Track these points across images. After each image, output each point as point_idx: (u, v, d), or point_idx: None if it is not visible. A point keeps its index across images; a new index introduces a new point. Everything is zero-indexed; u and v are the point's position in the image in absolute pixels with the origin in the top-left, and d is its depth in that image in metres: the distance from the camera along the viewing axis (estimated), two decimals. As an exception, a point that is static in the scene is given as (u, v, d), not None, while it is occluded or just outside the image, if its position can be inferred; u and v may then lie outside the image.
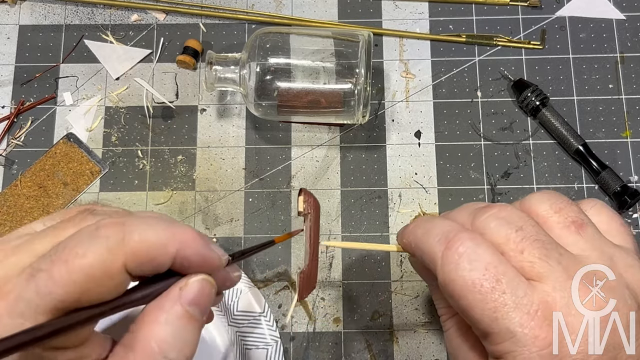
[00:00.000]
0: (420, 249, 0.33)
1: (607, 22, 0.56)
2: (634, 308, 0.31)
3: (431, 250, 0.32)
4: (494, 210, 0.32)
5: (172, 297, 0.27)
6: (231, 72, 0.50)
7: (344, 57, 0.49)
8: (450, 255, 0.30)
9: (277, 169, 0.53)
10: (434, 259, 0.31)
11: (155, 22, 0.57)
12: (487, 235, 0.31)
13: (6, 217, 0.52)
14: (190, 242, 0.27)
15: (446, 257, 0.30)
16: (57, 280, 0.24)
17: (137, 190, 0.53)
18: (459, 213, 0.34)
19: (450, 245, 0.30)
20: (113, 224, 0.26)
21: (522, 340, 0.29)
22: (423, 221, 0.34)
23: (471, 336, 0.34)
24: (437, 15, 0.57)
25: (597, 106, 0.54)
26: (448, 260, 0.30)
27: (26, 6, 0.58)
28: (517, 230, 0.31)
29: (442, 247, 0.31)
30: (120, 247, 0.26)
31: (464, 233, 0.31)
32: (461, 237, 0.30)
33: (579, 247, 0.31)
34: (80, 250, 0.25)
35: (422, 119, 0.54)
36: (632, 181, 0.52)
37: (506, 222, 0.31)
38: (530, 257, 0.30)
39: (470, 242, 0.30)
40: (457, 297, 0.30)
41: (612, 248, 0.32)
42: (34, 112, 0.55)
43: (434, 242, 0.32)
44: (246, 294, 0.47)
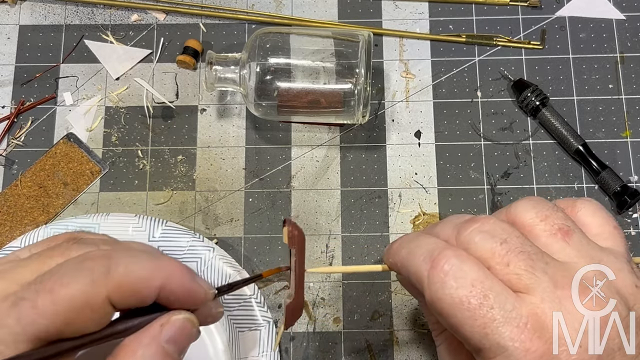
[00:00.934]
0: (406, 269, 0.33)
1: (607, 22, 0.56)
2: (623, 313, 0.30)
3: (417, 270, 0.31)
4: (477, 224, 0.32)
5: (151, 333, 0.27)
6: (231, 72, 0.50)
7: (344, 57, 0.49)
8: (436, 274, 0.30)
9: (277, 169, 0.53)
10: (420, 278, 0.31)
11: (155, 22, 0.57)
12: (472, 250, 0.31)
13: (6, 217, 0.52)
14: (176, 275, 0.27)
15: (432, 277, 0.30)
16: (40, 310, 0.24)
17: (137, 190, 0.53)
18: (443, 228, 0.34)
19: (435, 264, 0.30)
20: (99, 256, 0.26)
21: (514, 354, 0.28)
22: (407, 240, 0.34)
23: (463, 351, 0.34)
24: (437, 15, 0.57)
25: (597, 106, 0.54)
26: (434, 279, 0.30)
27: (26, 6, 0.58)
28: (502, 243, 0.30)
29: (427, 266, 0.31)
30: (104, 279, 0.26)
31: (448, 250, 0.30)
32: (446, 255, 0.30)
33: (566, 254, 0.31)
34: (65, 281, 0.25)
35: (422, 119, 0.54)
36: (632, 181, 0.52)
37: (490, 235, 0.31)
38: (516, 270, 0.30)
39: (455, 260, 0.30)
40: (445, 315, 0.30)
41: (600, 252, 0.32)
42: (34, 112, 0.55)
43: (419, 261, 0.31)
44: (235, 278, 0.47)
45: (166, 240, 0.47)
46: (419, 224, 0.51)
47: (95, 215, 0.48)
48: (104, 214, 0.48)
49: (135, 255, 0.27)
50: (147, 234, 0.47)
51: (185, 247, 0.47)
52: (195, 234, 0.48)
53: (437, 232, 0.34)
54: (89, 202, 0.52)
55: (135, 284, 0.26)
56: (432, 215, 0.52)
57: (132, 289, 0.26)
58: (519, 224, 0.32)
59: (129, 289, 0.26)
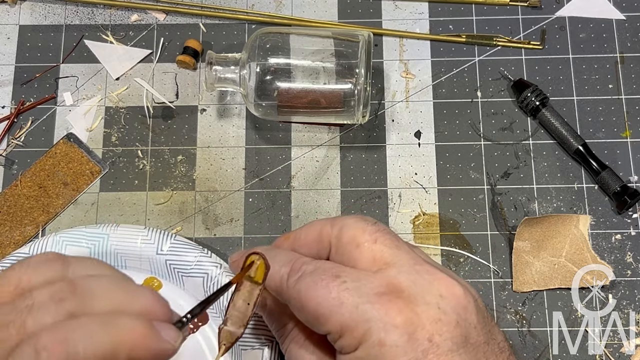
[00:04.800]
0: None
1: (607, 22, 0.56)
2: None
3: (276, 275, 0.35)
4: (350, 215, 0.38)
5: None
6: (231, 72, 0.50)
7: (344, 57, 0.49)
8: (294, 272, 0.34)
9: (277, 169, 0.53)
10: (279, 280, 0.34)
11: (155, 22, 0.57)
12: (345, 230, 0.34)
13: (6, 217, 0.52)
14: (139, 344, 0.26)
15: (291, 275, 0.34)
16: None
17: (137, 190, 0.53)
18: (311, 226, 0.37)
19: (292, 270, 0.34)
20: (53, 345, 0.25)
21: (374, 317, 0.30)
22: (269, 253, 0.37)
23: (311, 343, 0.36)
24: (437, 15, 0.57)
25: (597, 106, 0.54)
26: (293, 277, 0.34)
27: (26, 6, 0.58)
28: (373, 224, 0.34)
29: (287, 269, 0.34)
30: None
31: (304, 258, 0.35)
32: (303, 261, 0.34)
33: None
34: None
35: (422, 119, 0.54)
36: (632, 181, 0.52)
37: (362, 219, 0.35)
38: (381, 247, 0.33)
39: (310, 264, 0.34)
40: (304, 303, 0.33)
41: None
42: (34, 112, 0.55)
43: (278, 268, 0.35)
44: None
45: (174, 254, 0.47)
46: (419, 224, 0.51)
47: (105, 226, 0.48)
48: (114, 225, 0.48)
49: (93, 330, 0.26)
50: (156, 247, 0.47)
51: (192, 262, 0.46)
52: (203, 250, 0.47)
53: (307, 232, 0.37)
54: (89, 202, 0.52)
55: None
56: (432, 215, 0.52)
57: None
58: None
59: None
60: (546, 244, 0.50)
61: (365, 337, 0.30)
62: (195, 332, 0.47)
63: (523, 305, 0.49)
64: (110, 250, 0.47)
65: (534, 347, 0.48)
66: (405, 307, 0.30)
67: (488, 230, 0.51)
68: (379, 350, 0.30)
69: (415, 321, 0.30)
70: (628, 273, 0.50)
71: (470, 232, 0.51)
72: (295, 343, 0.36)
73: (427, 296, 0.31)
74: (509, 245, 0.50)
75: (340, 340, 0.32)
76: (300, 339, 0.36)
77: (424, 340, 0.30)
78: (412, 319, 0.30)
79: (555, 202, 0.52)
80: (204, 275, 0.46)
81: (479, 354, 0.31)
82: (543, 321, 0.49)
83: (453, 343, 0.30)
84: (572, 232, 0.49)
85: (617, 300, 0.49)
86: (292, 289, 0.33)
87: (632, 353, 0.48)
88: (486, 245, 0.51)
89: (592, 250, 0.49)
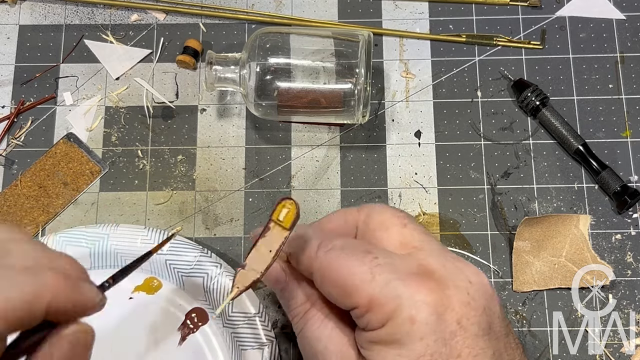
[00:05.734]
0: (295, 249, 0.35)
1: (607, 22, 0.56)
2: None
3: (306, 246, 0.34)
4: (377, 204, 0.38)
5: (43, 356, 0.27)
6: (231, 72, 0.50)
7: (344, 57, 0.49)
8: (327, 243, 0.34)
9: (277, 169, 0.53)
10: (309, 251, 0.34)
11: (155, 22, 0.57)
12: (374, 215, 0.35)
13: (6, 217, 0.52)
14: (60, 293, 0.27)
15: (323, 246, 0.33)
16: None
17: (137, 190, 0.53)
18: (339, 213, 0.38)
19: (324, 242, 0.34)
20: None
21: (405, 294, 0.30)
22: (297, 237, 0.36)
23: (330, 321, 0.35)
24: (437, 15, 0.57)
25: (597, 106, 0.54)
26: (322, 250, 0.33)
27: (26, 6, 0.58)
28: (402, 211, 0.36)
29: (317, 242, 0.34)
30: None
31: (334, 235, 0.35)
32: (334, 236, 0.35)
33: None
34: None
35: (422, 119, 0.54)
36: (632, 181, 0.52)
37: (391, 207, 0.36)
38: (411, 231, 0.34)
39: (342, 239, 0.34)
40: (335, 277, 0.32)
41: None
42: (34, 112, 0.55)
43: (309, 240, 0.35)
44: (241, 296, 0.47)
45: (174, 254, 0.47)
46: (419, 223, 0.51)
47: (105, 226, 0.48)
48: (114, 225, 0.48)
49: (14, 278, 0.26)
50: None
51: (192, 262, 0.47)
52: (203, 250, 0.47)
53: (337, 217, 0.38)
54: (89, 202, 0.52)
55: (18, 312, 0.26)
56: (432, 215, 0.52)
57: (16, 317, 0.26)
58: None
59: (13, 318, 0.26)
60: (546, 244, 0.50)
61: (396, 313, 0.30)
62: (195, 332, 0.47)
63: (523, 305, 0.49)
64: (110, 250, 0.47)
65: (534, 347, 0.48)
66: (437, 287, 0.31)
67: (488, 230, 0.51)
68: (410, 327, 0.30)
69: (446, 302, 0.30)
70: (628, 273, 0.50)
71: (470, 232, 0.51)
72: (312, 323, 0.36)
73: (457, 280, 0.31)
74: (509, 245, 0.50)
75: (368, 315, 0.31)
76: (318, 319, 0.35)
77: (453, 322, 0.30)
78: (442, 300, 0.30)
79: (555, 202, 0.52)
80: (204, 275, 0.46)
81: (500, 343, 0.32)
82: (543, 321, 0.49)
83: (480, 328, 0.31)
84: (572, 232, 0.49)
85: (617, 300, 0.49)
86: (322, 258, 0.33)
87: (632, 353, 0.48)
88: (486, 245, 0.51)
89: (592, 250, 0.49)
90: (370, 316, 0.31)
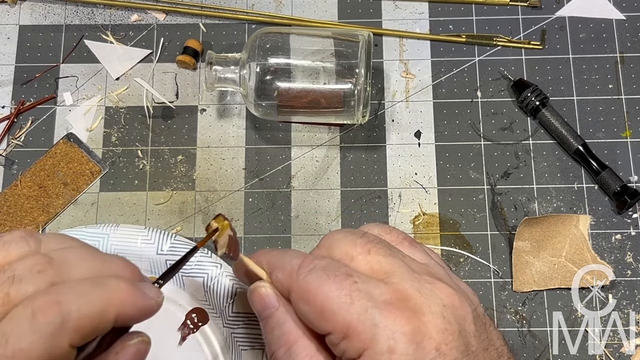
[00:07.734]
0: (274, 267, 0.35)
1: (607, 22, 0.56)
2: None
3: (286, 266, 0.34)
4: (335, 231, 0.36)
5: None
6: (231, 72, 0.50)
7: (344, 57, 0.49)
8: (306, 265, 0.33)
9: (277, 169, 0.53)
10: (289, 273, 0.33)
11: (155, 22, 0.57)
12: (335, 247, 0.34)
13: (6, 217, 0.52)
14: (127, 301, 0.28)
15: (302, 267, 0.33)
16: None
17: (137, 190, 0.53)
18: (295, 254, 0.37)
19: (305, 260, 0.33)
20: (48, 306, 0.26)
21: (382, 323, 0.30)
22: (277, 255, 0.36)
23: (322, 354, 0.34)
24: (437, 15, 0.57)
25: (597, 106, 0.54)
26: (304, 269, 0.32)
27: (26, 6, 0.58)
28: (362, 236, 0.34)
29: (298, 261, 0.33)
30: (62, 330, 0.26)
31: (313, 255, 0.34)
32: (314, 256, 0.33)
33: (417, 257, 0.34)
34: (24, 345, 0.25)
35: (422, 119, 0.54)
36: (632, 181, 0.52)
37: (350, 232, 0.34)
38: (377, 257, 0.32)
39: (321, 259, 0.33)
40: (312, 301, 0.31)
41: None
42: (34, 112, 0.55)
43: (289, 259, 0.34)
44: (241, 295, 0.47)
45: (174, 254, 0.47)
46: (419, 224, 0.51)
47: (105, 226, 0.48)
48: (114, 225, 0.48)
49: (83, 291, 0.27)
50: (156, 247, 0.47)
51: (192, 262, 0.46)
52: (203, 250, 0.47)
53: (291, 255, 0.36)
54: (89, 202, 0.52)
55: (91, 324, 0.27)
56: (432, 215, 0.52)
57: (90, 329, 0.27)
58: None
59: (87, 330, 0.27)
60: (546, 244, 0.50)
61: (372, 342, 0.30)
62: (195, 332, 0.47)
63: (523, 305, 0.49)
64: (111, 250, 0.47)
65: (534, 347, 0.48)
66: (413, 316, 0.30)
67: (488, 230, 0.51)
68: (389, 357, 0.30)
69: (423, 330, 0.30)
70: (628, 273, 0.50)
71: (470, 232, 0.51)
72: (301, 359, 0.35)
73: (432, 305, 0.31)
74: (509, 245, 0.50)
75: (344, 343, 0.31)
76: (307, 355, 0.35)
77: (432, 350, 0.30)
78: (419, 328, 0.30)
79: (555, 202, 0.52)
80: (204, 275, 0.46)
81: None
82: (543, 321, 0.49)
83: (458, 352, 0.30)
84: (572, 232, 0.49)
85: (617, 300, 0.49)
86: (301, 280, 0.32)
87: (632, 353, 0.48)
88: (486, 245, 0.51)
89: (592, 250, 0.49)
90: (347, 344, 0.31)
